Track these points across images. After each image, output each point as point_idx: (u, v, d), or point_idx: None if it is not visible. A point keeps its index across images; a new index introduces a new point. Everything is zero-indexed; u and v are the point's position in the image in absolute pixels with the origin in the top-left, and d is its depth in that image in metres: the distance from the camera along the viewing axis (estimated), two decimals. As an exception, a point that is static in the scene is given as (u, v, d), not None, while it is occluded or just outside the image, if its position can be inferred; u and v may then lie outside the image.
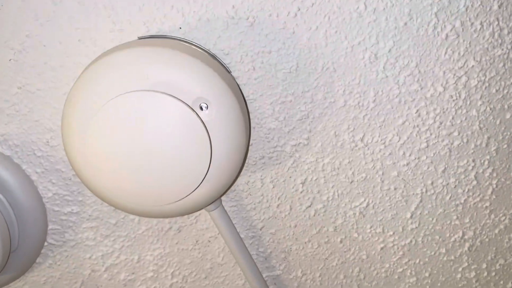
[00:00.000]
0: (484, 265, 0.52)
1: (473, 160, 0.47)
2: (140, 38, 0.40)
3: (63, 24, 0.39)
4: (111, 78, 0.34)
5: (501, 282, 0.52)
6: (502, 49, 0.43)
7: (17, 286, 0.48)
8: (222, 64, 0.41)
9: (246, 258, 0.47)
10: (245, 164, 0.45)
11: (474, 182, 0.48)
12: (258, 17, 0.40)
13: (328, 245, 0.49)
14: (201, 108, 0.36)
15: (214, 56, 0.41)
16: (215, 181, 0.37)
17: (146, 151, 0.35)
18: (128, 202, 0.37)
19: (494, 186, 0.48)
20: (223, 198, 0.47)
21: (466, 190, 0.48)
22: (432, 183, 0.47)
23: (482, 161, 0.47)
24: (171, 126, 0.34)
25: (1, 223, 0.41)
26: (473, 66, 0.43)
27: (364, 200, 0.48)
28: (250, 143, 0.44)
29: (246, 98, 0.43)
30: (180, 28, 0.40)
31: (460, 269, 0.52)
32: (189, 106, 0.35)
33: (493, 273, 0.52)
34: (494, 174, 0.47)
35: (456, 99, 0.44)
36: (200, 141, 0.35)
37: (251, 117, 0.43)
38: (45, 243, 0.47)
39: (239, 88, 0.42)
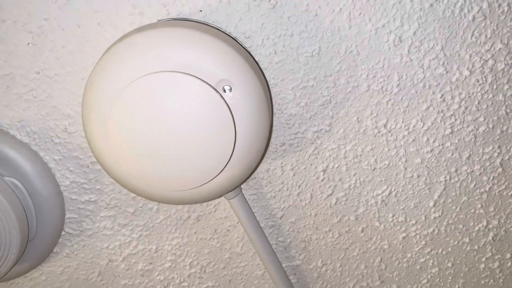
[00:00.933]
0: (508, 255, 0.50)
1: (499, 147, 0.46)
2: (160, 21, 0.39)
3: (82, 7, 0.38)
4: (133, 59, 0.34)
5: (526, 273, 0.51)
6: (531, 31, 0.41)
7: (34, 276, 0.48)
8: (243, 48, 0.40)
9: (265, 248, 0.46)
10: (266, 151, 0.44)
11: (500, 169, 0.46)
12: (280, -1, 0.39)
13: (349, 235, 0.48)
14: (224, 90, 0.35)
15: (235, 40, 0.40)
16: (239, 166, 0.37)
17: (169, 134, 0.34)
18: (150, 187, 0.36)
19: (520, 173, 0.47)
20: (242, 186, 0.46)
21: (491, 177, 0.47)
22: (456, 170, 0.46)
23: (508, 147, 0.46)
24: (195, 108, 0.34)
25: (20, 211, 0.41)
26: (500, 49, 0.42)
27: (387, 188, 0.47)
28: (271, 130, 0.44)
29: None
30: (201, 10, 0.39)
31: (483, 259, 0.50)
32: (213, 88, 0.34)
33: (518, 263, 0.51)
34: (520, 161, 0.46)
35: (483, 83, 0.43)
36: (225, 124, 0.34)
37: (272, 102, 0.43)
38: (63, 232, 0.46)
39: (262, 71, 0.41)
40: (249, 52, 0.40)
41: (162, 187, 0.36)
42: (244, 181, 0.44)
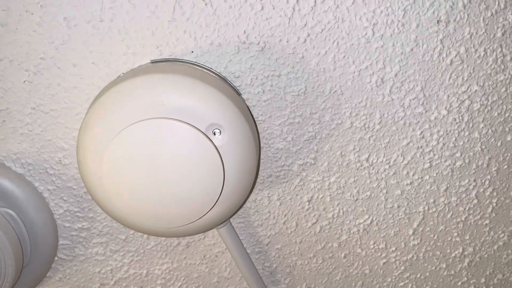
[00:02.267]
0: (483, 280, 0.53)
1: (474, 180, 0.48)
2: (153, 61, 0.41)
3: (77, 47, 0.40)
4: (127, 105, 0.35)
5: (499, 296, 0.54)
6: (505, 75, 0.44)
7: (27, 299, 0.49)
8: (232, 87, 0.42)
9: (252, 273, 0.48)
10: (253, 183, 0.46)
11: (475, 201, 0.49)
12: (268, 42, 0.41)
13: (332, 260, 0.51)
14: (214, 134, 0.37)
15: (224, 79, 0.42)
16: (227, 204, 0.38)
17: (161, 176, 0.36)
18: (143, 224, 0.38)
19: (494, 204, 0.49)
20: (231, 215, 0.48)
21: (467, 208, 0.49)
22: (434, 201, 0.49)
23: (483, 180, 0.48)
24: (186, 152, 0.35)
25: (14, 240, 0.42)
26: (476, 90, 0.44)
27: (368, 217, 0.49)
28: (258, 163, 0.46)
29: (255, 119, 0.44)
30: (192, 51, 0.41)
31: (459, 284, 0.53)
32: (203, 133, 0.36)
33: None
34: (495, 193, 0.49)
35: (459, 122, 0.45)
36: (214, 166, 0.36)
37: (259, 137, 0.44)
38: (56, 258, 0.48)
39: (249, 110, 0.43)
40: (238, 91, 0.42)
41: (154, 224, 0.37)
42: (233, 215, 0.46)
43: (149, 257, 0.49)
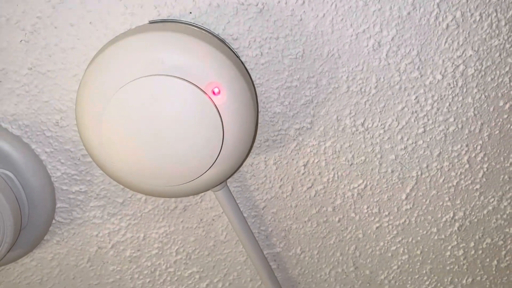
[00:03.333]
0: (472, 244, 0.55)
1: (467, 145, 0.49)
2: (151, 22, 0.40)
3: (75, 7, 0.40)
4: (126, 62, 0.35)
5: (487, 260, 0.56)
6: (499, 40, 0.44)
7: (25, 262, 0.50)
8: (230, 49, 0.42)
9: (248, 236, 0.49)
10: (250, 146, 0.47)
11: (467, 166, 0.50)
12: (267, 4, 0.41)
13: (327, 224, 0.52)
14: (214, 93, 0.37)
15: (223, 41, 0.42)
16: (225, 163, 0.39)
17: (160, 134, 0.36)
18: (141, 182, 0.38)
19: (485, 169, 0.51)
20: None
21: (459, 173, 0.50)
22: (427, 166, 0.50)
23: (475, 146, 0.49)
24: (185, 110, 0.36)
25: (13, 202, 0.42)
26: (471, 55, 0.45)
27: (362, 182, 0.50)
28: (256, 126, 0.46)
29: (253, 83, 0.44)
30: (191, 12, 0.41)
31: (449, 247, 0.55)
32: (203, 91, 0.36)
33: (480, 252, 0.55)
34: (486, 159, 0.50)
35: (454, 86, 0.46)
36: (213, 125, 0.36)
37: (257, 100, 0.45)
38: (53, 221, 0.48)
39: (248, 73, 0.43)
40: (236, 54, 0.42)
41: (153, 183, 0.38)
42: (230, 176, 0.47)
43: (146, 221, 0.49)
